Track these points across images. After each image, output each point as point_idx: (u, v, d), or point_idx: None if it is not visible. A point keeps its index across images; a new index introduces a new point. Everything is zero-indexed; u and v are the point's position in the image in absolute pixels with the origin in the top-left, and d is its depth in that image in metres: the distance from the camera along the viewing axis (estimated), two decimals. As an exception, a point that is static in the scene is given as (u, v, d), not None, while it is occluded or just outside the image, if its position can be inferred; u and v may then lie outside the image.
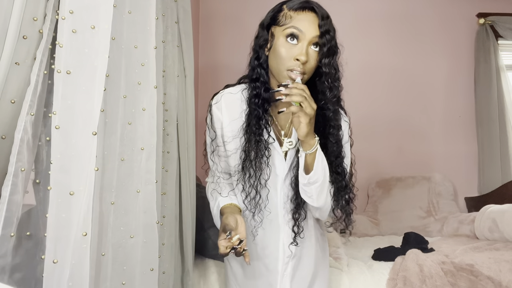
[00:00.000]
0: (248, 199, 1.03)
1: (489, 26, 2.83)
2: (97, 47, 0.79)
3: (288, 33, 0.93)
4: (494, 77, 2.75)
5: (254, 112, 0.99)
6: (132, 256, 0.96)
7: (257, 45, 1.01)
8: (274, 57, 0.96)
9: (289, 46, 0.93)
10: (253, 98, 1.00)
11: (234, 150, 1.04)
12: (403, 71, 2.85)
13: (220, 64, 2.79)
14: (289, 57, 0.93)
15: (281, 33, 0.95)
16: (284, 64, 0.94)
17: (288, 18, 0.94)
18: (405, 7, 2.89)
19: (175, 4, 1.30)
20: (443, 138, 2.84)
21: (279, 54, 0.94)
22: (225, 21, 2.81)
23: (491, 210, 2.09)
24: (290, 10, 0.95)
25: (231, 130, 1.03)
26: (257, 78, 1.00)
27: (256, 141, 0.99)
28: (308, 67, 0.94)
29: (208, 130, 1.10)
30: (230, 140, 1.04)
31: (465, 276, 1.53)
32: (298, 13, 0.94)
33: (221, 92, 1.08)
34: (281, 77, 0.95)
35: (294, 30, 0.93)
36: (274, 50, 0.96)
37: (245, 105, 1.03)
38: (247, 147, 1.00)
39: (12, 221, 0.67)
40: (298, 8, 0.95)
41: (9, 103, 0.70)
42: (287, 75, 0.94)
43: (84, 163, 0.76)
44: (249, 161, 1.00)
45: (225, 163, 1.09)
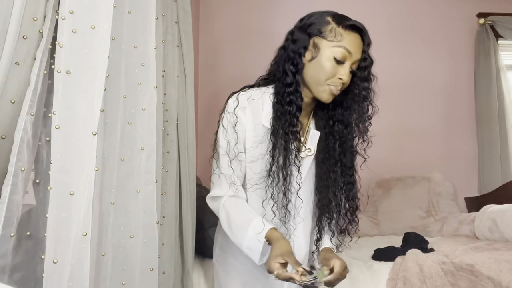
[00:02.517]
0: (277, 206, 1.00)
1: (489, 26, 2.83)
2: (97, 47, 0.79)
3: (338, 53, 0.93)
4: (494, 77, 2.74)
5: (287, 118, 0.97)
6: (132, 256, 0.96)
7: (295, 51, 0.98)
8: (316, 69, 0.96)
9: (335, 64, 0.94)
10: (287, 106, 0.98)
11: (259, 155, 1.01)
12: (403, 71, 2.85)
13: (220, 64, 2.79)
14: (333, 74, 0.95)
15: (329, 49, 0.94)
16: (326, 79, 0.95)
17: (338, 36, 0.94)
18: (405, 7, 2.88)
19: (175, 4, 1.30)
20: (443, 138, 2.84)
21: (324, 68, 0.94)
22: (225, 21, 2.81)
23: (491, 210, 2.09)
24: (339, 27, 0.94)
25: (255, 135, 1.00)
26: (291, 83, 0.97)
27: (286, 148, 0.98)
28: (344, 86, 0.97)
29: (224, 133, 1.02)
30: (255, 146, 1.00)
31: (465, 276, 1.53)
32: (348, 32, 0.94)
33: (244, 94, 1.03)
34: (320, 90, 0.97)
35: (344, 51, 0.93)
36: (318, 63, 0.95)
37: (269, 109, 1.01)
38: (276, 153, 0.98)
39: (12, 221, 0.67)
40: (349, 27, 0.95)
41: (9, 103, 0.70)
42: (327, 89, 0.96)
43: (84, 163, 0.76)
44: (277, 167, 0.98)
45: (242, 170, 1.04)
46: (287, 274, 0.85)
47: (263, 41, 2.76)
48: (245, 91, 1.04)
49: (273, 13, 2.77)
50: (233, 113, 1.00)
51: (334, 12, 0.99)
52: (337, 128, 1.04)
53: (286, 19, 2.99)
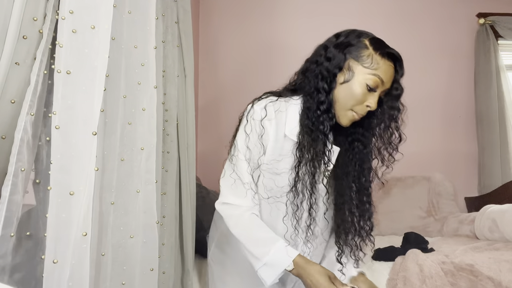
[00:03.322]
0: (300, 224, 0.98)
1: (489, 26, 2.83)
2: (97, 47, 0.79)
3: (372, 81, 0.92)
4: (494, 77, 2.74)
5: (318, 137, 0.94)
6: (132, 256, 0.96)
7: (329, 70, 0.94)
8: (346, 93, 0.93)
9: (366, 92, 0.93)
10: (319, 125, 0.94)
11: (284, 169, 0.98)
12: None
13: (220, 64, 2.79)
14: (362, 101, 0.93)
15: (362, 75, 0.92)
16: (353, 105, 0.94)
17: (374, 63, 0.92)
18: (405, 7, 2.89)
19: (175, 4, 1.30)
20: (443, 138, 2.84)
21: (354, 94, 0.92)
22: (225, 21, 2.81)
23: (491, 210, 2.09)
24: (377, 54, 0.92)
25: (280, 147, 0.97)
26: (324, 102, 0.94)
27: (314, 166, 0.95)
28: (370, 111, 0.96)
29: (246, 140, 0.98)
30: (280, 159, 0.98)
31: (465, 276, 1.53)
32: (385, 61, 0.92)
33: (271, 104, 0.98)
34: (342, 114, 0.95)
35: (378, 80, 0.92)
36: (350, 87, 0.93)
37: (294, 122, 0.97)
38: (302, 170, 0.95)
39: (12, 221, 0.67)
40: (386, 55, 0.93)
41: (9, 103, 0.70)
42: (351, 115, 0.95)
43: (84, 163, 0.76)
44: (303, 184, 0.95)
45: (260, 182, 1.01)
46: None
47: (263, 41, 2.76)
48: (271, 100, 0.99)
49: (273, 14, 2.77)
50: (260, 123, 0.96)
51: (372, 35, 0.96)
52: (356, 147, 1.02)
53: (286, 19, 2.99)
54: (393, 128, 0.98)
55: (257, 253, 0.91)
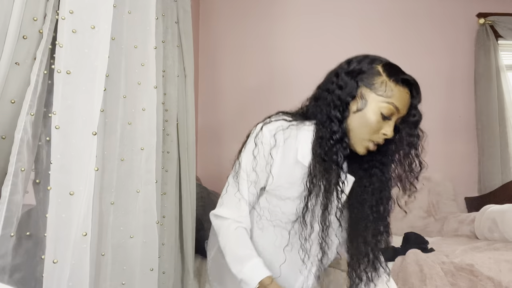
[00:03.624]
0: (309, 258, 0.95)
1: (489, 26, 2.83)
2: (97, 47, 0.79)
3: (386, 109, 0.88)
4: (494, 77, 2.74)
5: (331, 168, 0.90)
6: (132, 256, 0.96)
7: (342, 99, 0.90)
8: (360, 122, 0.90)
9: (381, 120, 0.89)
10: (334, 155, 0.90)
11: (292, 196, 0.94)
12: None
13: (220, 64, 2.79)
14: (377, 129, 0.89)
15: (376, 103, 0.88)
16: (369, 134, 0.90)
17: (388, 90, 0.88)
18: (405, 7, 2.88)
19: (175, 4, 1.30)
20: (443, 138, 2.84)
21: (368, 123, 0.89)
22: (225, 21, 2.81)
23: (491, 210, 2.09)
24: (391, 80, 0.89)
25: (289, 175, 0.93)
26: (337, 131, 0.90)
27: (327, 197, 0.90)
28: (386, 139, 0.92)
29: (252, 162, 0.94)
30: (288, 186, 0.94)
31: (465, 276, 1.53)
32: (399, 88, 0.89)
33: (281, 132, 0.93)
34: (358, 144, 0.91)
35: (393, 109, 0.88)
36: (363, 116, 0.89)
37: (306, 149, 0.92)
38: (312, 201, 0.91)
39: (12, 221, 0.67)
40: (400, 81, 0.89)
41: (9, 103, 0.70)
42: (366, 145, 0.91)
43: (84, 163, 0.76)
44: (312, 216, 0.91)
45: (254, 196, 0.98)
46: None
47: (263, 41, 2.77)
48: (281, 127, 0.94)
49: (273, 14, 2.77)
50: (269, 152, 0.92)
51: (385, 61, 0.93)
52: (373, 174, 0.97)
53: (285, 19, 2.99)
54: (413, 156, 0.93)
55: (234, 270, 0.91)
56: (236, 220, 0.95)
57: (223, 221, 0.96)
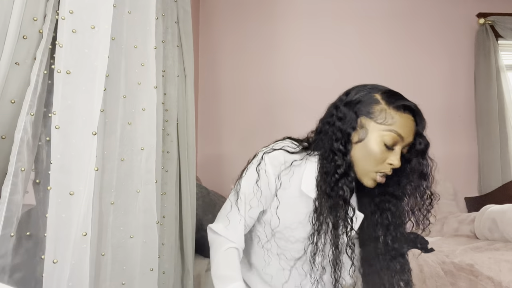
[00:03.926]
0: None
1: (489, 26, 2.83)
2: (97, 47, 0.79)
3: (389, 138, 0.84)
4: (494, 77, 2.75)
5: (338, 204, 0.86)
6: (132, 256, 0.96)
7: (343, 131, 0.87)
8: (363, 154, 0.86)
9: (385, 150, 0.85)
10: (340, 191, 0.86)
11: (301, 238, 0.92)
12: (403, 71, 2.85)
13: (220, 64, 2.79)
14: (383, 159, 0.85)
15: (377, 132, 0.85)
16: (375, 165, 0.86)
17: (389, 118, 0.85)
18: (405, 7, 2.89)
19: (175, 4, 1.30)
20: (443, 138, 2.84)
21: (372, 154, 0.85)
22: (225, 21, 2.81)
23: (491, 210, 2.09)
24: (390, 108, 0.85)
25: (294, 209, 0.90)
26: (341, 165, 0.86)
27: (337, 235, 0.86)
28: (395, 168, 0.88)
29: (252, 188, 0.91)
30: (295, 226, 0.91)
31: (465, 276, 1.53)
32: (400, 114, 0.85)
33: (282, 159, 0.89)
34: (365, 177, 0.87)
35: (396, 136, 0.84)
36: (366, 146, 0.86)
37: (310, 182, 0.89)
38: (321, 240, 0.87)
39: (12, 221, 0.67)
40: (400, 108, 0.85)
41: (9, 103, 0.70)
42: (374, 177, 0.87)
43: (84, 163, 0.76)
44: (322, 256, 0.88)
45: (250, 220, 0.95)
46: None
47: (263, 41, 2.77)
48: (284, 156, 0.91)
49: (273, 14, 2.77)
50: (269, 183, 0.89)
51: (384, 89, 0.90)
52: (386, 209, 0.93)
53: (286, 20, 2.99)
54: (424, 187, 0.88)
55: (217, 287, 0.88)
56: (230, 240, 0.93)
57: (218, 237, 0.95)
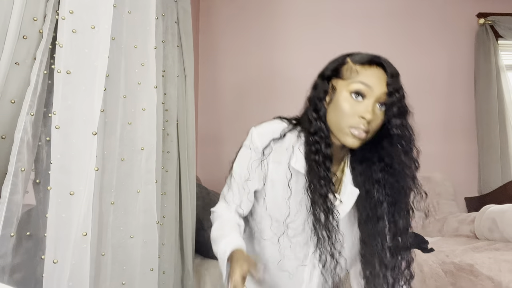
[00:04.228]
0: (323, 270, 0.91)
1: (489, 26, 2.83)
2: (97, 47, 0.79)
3: (354, 88, 0.85)
4: (494, 77, 2.75)
5: (316, 170, 0.88)
6: (132, 256, 0.96)
7: (316, 97, 0.91)
8: (335, 112, 0.87)
9: (354, 102, 0.85)
10: (313, 155, 0.88)
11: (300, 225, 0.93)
12: (403, 71, 2.83)
13: (220, 64, 2.79)
14: (353, 113, 0.85)
15: (345, 88, 0.86)
16: (347, 121, 0.86)
17: (354, 73, 0.87)
18: (405, 7, 2.89)
19: (175, 4, 1.30)
20: (443, 138, 2.84)
21: (342, 109, 0.86)
22: (225, 21, 2.81)
23: (491, 210, 2.09)
24: (356, 64, 0.87)
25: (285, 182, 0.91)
26: (316, 132, 0.89)
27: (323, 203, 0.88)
28: (373, 126, 0.87)
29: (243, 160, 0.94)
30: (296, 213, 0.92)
31: (465, 276, 1.53)
32: (366, 68, 0.87)
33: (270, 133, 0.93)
34: (342, 134, 0.87)
35: (361, 85, 0.85)
36: (336, 105, 0.87)
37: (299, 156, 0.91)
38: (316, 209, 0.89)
39: (12, 221, 0.67)
40: (366, 62, 0.87)
41: (9, 103, 0.70)
42: (349, 132, 0.86)
43: (84, 163, 0.76)
44: (319, 224, 0.89)
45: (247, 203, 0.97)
46: None
47: (263, 40, 2.77)
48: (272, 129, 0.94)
49: (273, 13, 2.77)
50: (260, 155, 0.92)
51: (355, 52, 0.92)
52: (385, 183, 0.92)
53: (286, 20, 2.99)
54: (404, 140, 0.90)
55: (214, 250, 0.90)
56: (228, 215, 0.96)
57: (217, 217, 0.97)
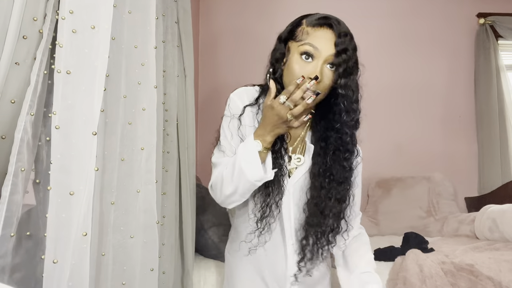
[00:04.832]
0: (262, 219, 0.96)
1: (489, 26, 2.83)
2: (97, 47, 0.79)
3: (303, 50, 0.90)
4: (494, 77, 2.75)
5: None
6: (132, 256, 0.96)
7: (274, 58, 0.97)
8: (288, 73, 0.92)
9: (303, 64, 0.90)
10: None
11: None
12: (403, 71, 2.85)
13: (220, 64, 2.79)
14: (303, 74, 0.89)
15: (296, 49, 0.91)
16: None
17: (305, 34, 0.91)
18: (405, 7, 2.89)
19: (175, 4, 1.30)
20: (443, 138, 2.84)
21: (292, 71, 0.90)
22: (225, 21, 2.81)
23: (491, 210, 2.09)
24: (308, 26, 0.92)
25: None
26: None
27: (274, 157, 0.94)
28: (322, 87, 0.90)
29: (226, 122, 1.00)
30: None
31: (465, 276, 1.53)
32: (316, 29, 0.91)
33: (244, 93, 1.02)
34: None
35: (308, 47, 0.89)
36: (288, 66, 0.92)
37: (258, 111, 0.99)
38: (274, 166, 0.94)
39: (12, 221, 0.67)
40: (316, 24, 0.91)
41: (9, 103, 0.70)
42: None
43: (84, 163, 0.76)
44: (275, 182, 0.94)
45: None
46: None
47: (263, 41, 2.76)
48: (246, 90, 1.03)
49: (273, 14, 2.77)
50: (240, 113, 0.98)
51: (311, 13, 0.97)
52: (331, 138, 0.98)
53: (286, 20, 2.99)
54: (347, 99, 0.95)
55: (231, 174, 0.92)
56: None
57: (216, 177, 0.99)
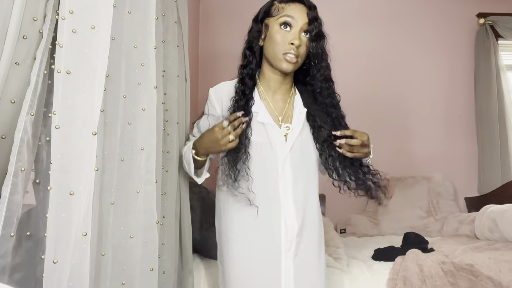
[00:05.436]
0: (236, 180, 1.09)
1: (489, 26, 2.83)
2: (97, 47, 0.79)
3: (282, 21, 1.07)
4: (494, 77, 2.75)
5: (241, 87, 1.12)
6: (132, 256, 0.96)
7: (251, 37, 1.14)
8: (270, 44, 1.09)
9: (284, 33, 1.07)
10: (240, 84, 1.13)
11: None
12: (403, 71, 2.85)
13: (220, 65, 2.79)
14: (284, 42, 1.06)
15: (275, 22, 1.08)
16: (280, 48, 1.07)
17: (281, 10, 1.08)
18: (405, 7, 2.89)
19: (175, 4, 1.30)
20: (443, 138, 2.84)
21: (275, 40, 1.07)
22: (225, 21, 2.81)
23: (491, 210, 2.09)
24: (281, 3, 1.09)
25: None
26: (246, 65, 1.14)
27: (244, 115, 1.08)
28: (301, 51, 1.08)
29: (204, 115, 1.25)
30: None
31: (465, 276, 1.53)
32: (289, 4, 1.08)
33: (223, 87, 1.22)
34: (277, 61, 1.08)
35: (287, 18, 1.07)
36: (270, 38, 1.09)
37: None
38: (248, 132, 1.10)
39: (12, 221, 0.67)
40: (289, 0, 1.09)
41: (9, 103, 0.70)
42: (283, 58, 1.07)
43: (84, 163, 0.76)
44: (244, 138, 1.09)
45: None
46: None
47: (263, 41, 2.77)
48: (224, 84, 1.22)
49: (273, 13, 2.78)
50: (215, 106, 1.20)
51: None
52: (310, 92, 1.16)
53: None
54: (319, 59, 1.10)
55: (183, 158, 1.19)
56: None
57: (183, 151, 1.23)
